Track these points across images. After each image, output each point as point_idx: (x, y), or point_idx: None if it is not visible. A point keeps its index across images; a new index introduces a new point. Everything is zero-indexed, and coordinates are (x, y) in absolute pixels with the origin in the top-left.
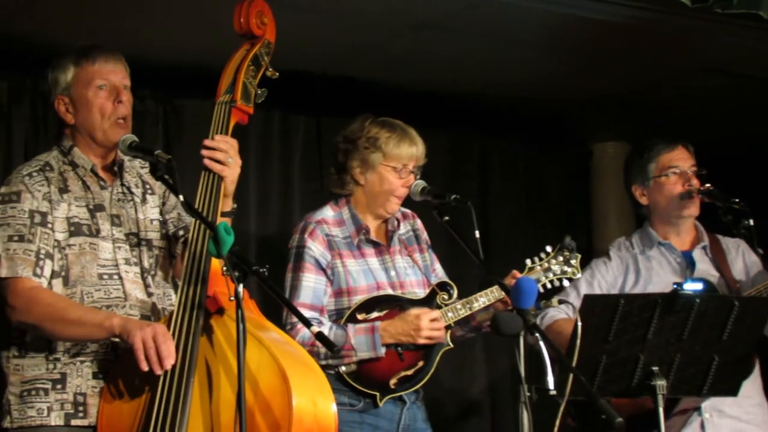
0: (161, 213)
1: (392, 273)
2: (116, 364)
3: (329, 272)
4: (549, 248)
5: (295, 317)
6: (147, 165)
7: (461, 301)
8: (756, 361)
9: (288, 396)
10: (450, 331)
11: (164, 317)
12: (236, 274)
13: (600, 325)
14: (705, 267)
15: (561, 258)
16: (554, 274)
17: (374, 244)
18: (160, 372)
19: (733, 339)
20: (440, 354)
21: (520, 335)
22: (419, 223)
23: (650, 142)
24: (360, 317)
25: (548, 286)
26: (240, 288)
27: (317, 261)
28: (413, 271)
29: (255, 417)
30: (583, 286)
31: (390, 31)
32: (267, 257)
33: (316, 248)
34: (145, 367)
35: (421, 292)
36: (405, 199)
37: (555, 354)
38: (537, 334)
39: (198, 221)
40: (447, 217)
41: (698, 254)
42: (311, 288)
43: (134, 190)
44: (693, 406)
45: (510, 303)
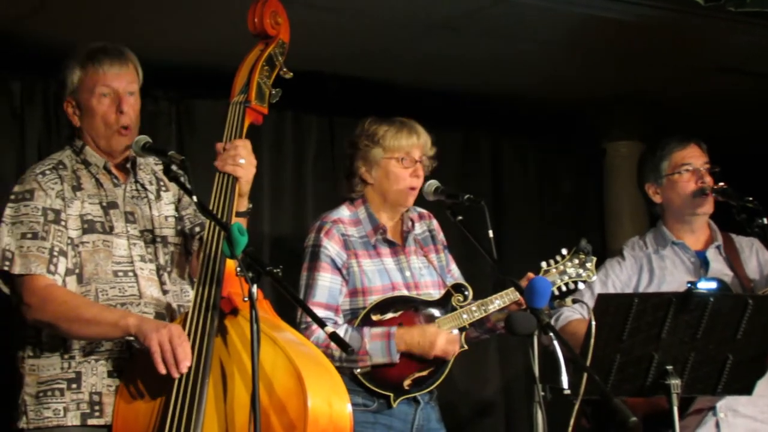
0: (176, 209)
1: (407, 273)
2: (131, 364)
3: (345, 272)
4: (564, 251)
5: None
6: (161, 162)
7: (476, 303)
8: None
9: (303, 397)
10: (465, 333)
11: (179, 317)
12: (250, 275)
13: (614, 325)
14: (719, 266)
15: (576, 261)
16: (569, 277)
17: (390, 244)
18: (177, 375)
19: (748, 338)
20: (454, 355)
21: (534, 335)
22: (435, 224)
23: (663, 141)
24: (375, 318)
25: (563, 289)
26: (254, 289)
27: (333, 260)
28: (428, 272)
29: (270, 418)
30: (598, 286)
31: (404, 32)
32: (280, 257)
33: (332, 247)
34: (163, 371)
35: (436, 293)
36: (419, 199)
37: (569, 353)
38: (551, 334)
39: (212, 222)
40: (460, 217)
41: (712, 253)
42: (326, 287)
43: (148, 187)
44: (708, 406)
45: (524, 304)
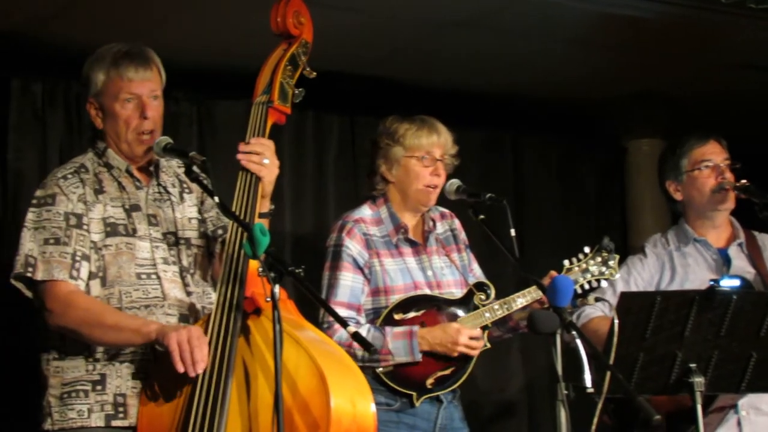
0: (199, 212)
1: (429, 273)
2: (155, 366)
3: (367, 271)
4: (587, 249)
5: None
6: (183, 164)
7: (499, 302)
8: None
9: (326, 396)
10: (487, 332)
11: (202, 318)
12: (272, 275)
13: (637, 323)
14: (741, 264)
15: (599, 259)
16: (592, 275)
17: (412, 244)
18: (194, 375)
19: None
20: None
21: (557, 333)
22: (457, 223)
23: (683, 138)
24: (397, 317)
25: (586, 287)
26: (276, 289)
27: (355, 260)
28: (450, 271)
29: (293, 417)
30: (620, 284)
31: (425, 31)
32: (302, 257)
33: (354, 247)
34: (182, 369)
35: (458, 292)
36: (441, 199)
37: (592, 352)
38: (574, 332)
39: (234, 222)
40: (482, 216)
41: (734, 251)
42: (348, 287)
43: (171, 190)
44: (730, 404)
45: (546, 302)
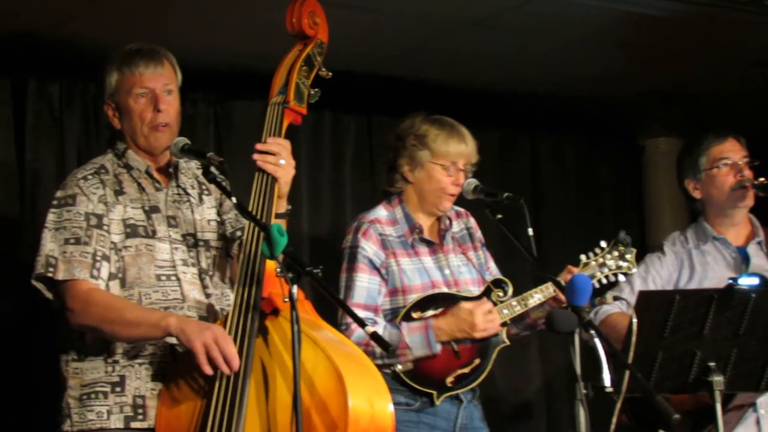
0: (218, 213)
1: (447, 271)
2: (174, 367)
3: (383, 271)
4: (604, 243)
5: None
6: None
7: (516, 298)
8: None
9: (344, 397)
10: (506, 329)
11: (220, 319)
12: (290, 275)
13: (656, 322)
14: (760, 262)
15: (616, 253)
16: (609, 269)
17: (428, 243)
18: (228, 371)
19: None
20: (496, 351)
21: (575, 332)
22: (473, 222)
23: (701, 137)
24: (415, 316)
25: (603, 282)
26: (294, 289)
27: (371, 261)
28: (467, 269)
29: (312, 418)
30: (638, 282)
31: (441, 30)
32: (320, 257)
33: (370, 248)
34: (209, 371)
35: (476, 290)
36: (458, 198)
37: (610, 350)
38: (592, 331)
39: (251, 223)
40: (500, 215)
41: (753, 249)
42: (365, 288)
43: (190, 192)
44: (748, 402)
45: (563, 299)
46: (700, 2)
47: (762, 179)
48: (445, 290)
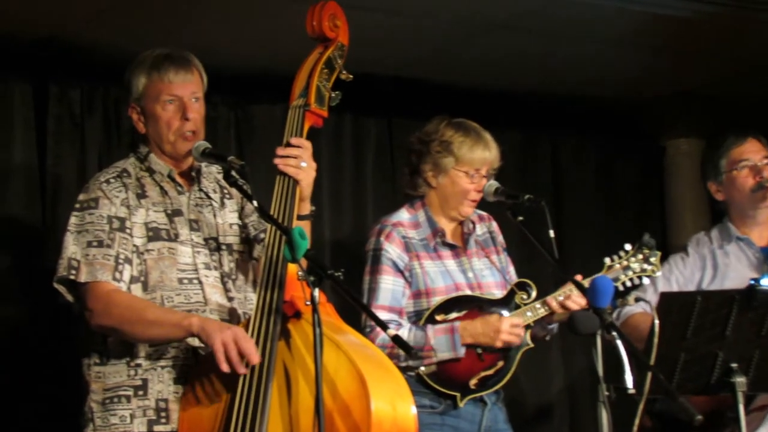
0: (240, 217)
1: (470, 274)
2: (196, 370)
3: (407, 274)
4: (628, 246)
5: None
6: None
7: (540, 301)
8: None
9: (367, 400)
10: (530, 331)
11: (242, 322)
12: (311, 278)
13: (678, 323)
14: None
15: (640, 256)
16: (634, 272)
17: (450, 247)
18: (244, 371)
19: None
20: (520, 354)
21: (597, 334)
22: (495, 226)
23: (721, 138)
24: (439, 318)
25: (628, 284)
26: (316, 292)
27: (395, 263)
28: (491, 273)
29: (334, 421)
30: (661, 283)
31: (462, 33)
32: (341, 260)
33: (393, 250)
34: (226, 368)
35: (499, 293)
36: (480, 201)
37: (633, 352)
38: (614, 333)
39: (273, 226)
40: (521, 218)
41: None
42: (389, 290)
43: (212, 195)
44: None
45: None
46: (722, 3)
47: None
48: (469, 293)
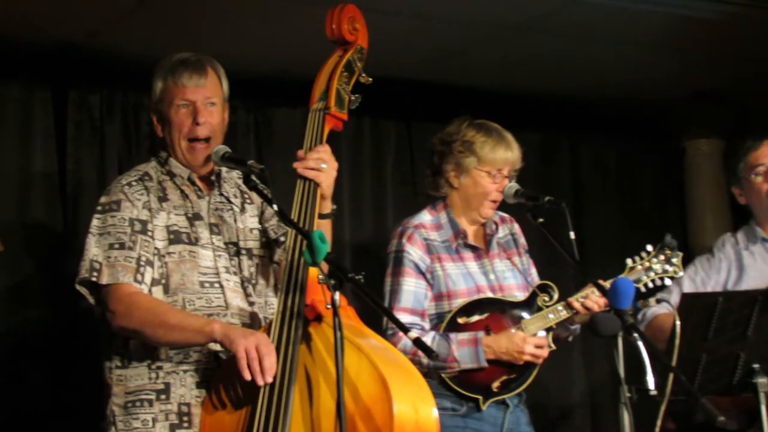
0: (260, 221)
1: (492, 276)
2: (217, 374)
3: (429, 276)
4: (650, 247)
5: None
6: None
7: (562, 303)
8: None
9: (389, 403)
10: (552, 333)
11: (263, 327)
12: (332, 282)
13: (699, 324)
14: None
15: (662, 257)
16: (656, 273)
17: (473, 249)
18: (262, 383)
19: None
20: None
21: (619, 336)
22: (517, 228)
23: (741, 141)
24: (461, 321)
25: (650, 286)
26: (336, 296)
27: (416, 265)
28: (512, 275)
29: (356, 424)
30: (686, 283)
31: (481, 35)
32: (362, 263)
33: (415, 252)
34: (248, 377)
35: (521, 295)
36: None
37: (654, 353)
38: (635, 335)
39: (293, 230)
40: (541, 219)
41: None
42: (411, 292)
43: (233, 200)
44: None
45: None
46: (744, 3)
47: None
48: (491, 295)
